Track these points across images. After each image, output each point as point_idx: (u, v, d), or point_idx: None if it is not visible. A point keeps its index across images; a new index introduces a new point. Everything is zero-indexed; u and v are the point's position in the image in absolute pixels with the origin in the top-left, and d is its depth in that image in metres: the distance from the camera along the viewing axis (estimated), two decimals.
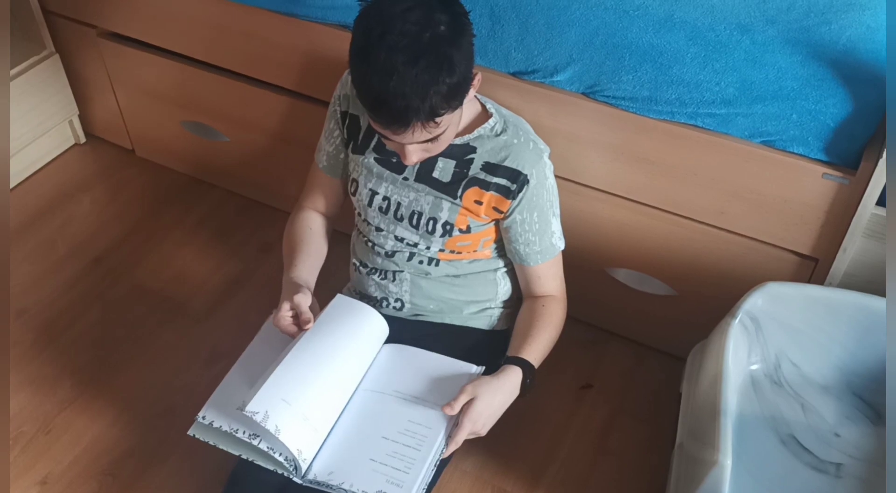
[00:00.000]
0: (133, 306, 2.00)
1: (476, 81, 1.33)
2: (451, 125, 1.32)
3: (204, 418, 1.32)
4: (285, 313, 1.41)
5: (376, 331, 1.46)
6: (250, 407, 1.26)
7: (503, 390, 1.38)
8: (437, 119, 1.25)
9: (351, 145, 1.53)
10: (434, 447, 1.32)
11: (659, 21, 1.49)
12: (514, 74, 1.64)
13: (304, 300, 1.41)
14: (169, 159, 2.37)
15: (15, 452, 1.70)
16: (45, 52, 2.23)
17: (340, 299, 1.47)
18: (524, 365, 1.41)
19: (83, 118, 2.42)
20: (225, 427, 1.30)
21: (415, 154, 1.34)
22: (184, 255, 2.14)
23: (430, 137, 1.29)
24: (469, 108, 1.45)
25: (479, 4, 1.58)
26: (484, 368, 1.42)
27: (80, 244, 2.15)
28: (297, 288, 1.44)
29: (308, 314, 1.40)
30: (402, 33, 1.20)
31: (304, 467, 1.29)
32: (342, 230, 1.71)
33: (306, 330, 1.39)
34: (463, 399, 1.33)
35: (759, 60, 1.45)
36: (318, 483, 1.29)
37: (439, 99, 1.23)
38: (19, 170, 2.30)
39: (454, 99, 1.26)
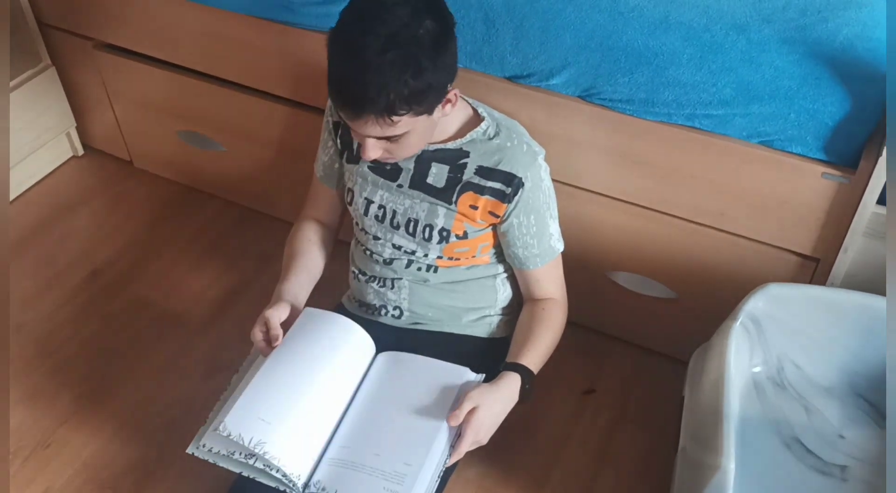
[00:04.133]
0: (132, 318, 1.99)
1: (452, 96, 1.31)
2: (415, 132, 1.30)
3: (203, 445, 1.32)
4: (258, 328, 1.40)
5: (354, 337, 1.44)
6: (223, 427, 1.26)
7: (503, 397, 1.36)
8: (394, 118, 1.24)
9: (345, 155, 1.52)
10: (436, 457, 1.30)
11: (654, 23, 1.48)
12: (509, 79, 1.63)
13: (276, 315, 1.40)
14: (167, 170, 2.36)
15: (14, 466, 1.69)
16: (41, 64, 2.23)
17: (310, 312, 1.45)
18: (523, 371, 1.39)
19: (81, 130, 2.42)
20: (223, 451, 1.30)
21: (372, 150, 1.31)
22: (182, 266, 2.13)
23: (384, 135, 1.27)
24: (460, 112, 1.44)
25: (473, 9, 1.58)
26: (484, 375, 1.41)
27: (78, 257, 2.14)
28: (277, 303, 1.43)
29: (276, 330, 1.38)
30: (382, 21, 1.20)
31: (299, 482, 1.28)
32: (341, 238, 1.70)
33: (276, 346, 1.38)
34: (467, 407, 1.32)
35: (755, 60, 1.44)
36: None
37: (398, 99, 1.21)
38: (17, 183, 2.30)
39: (416, 103, 1.24)
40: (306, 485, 1.29)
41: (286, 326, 1.41)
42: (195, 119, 2.15)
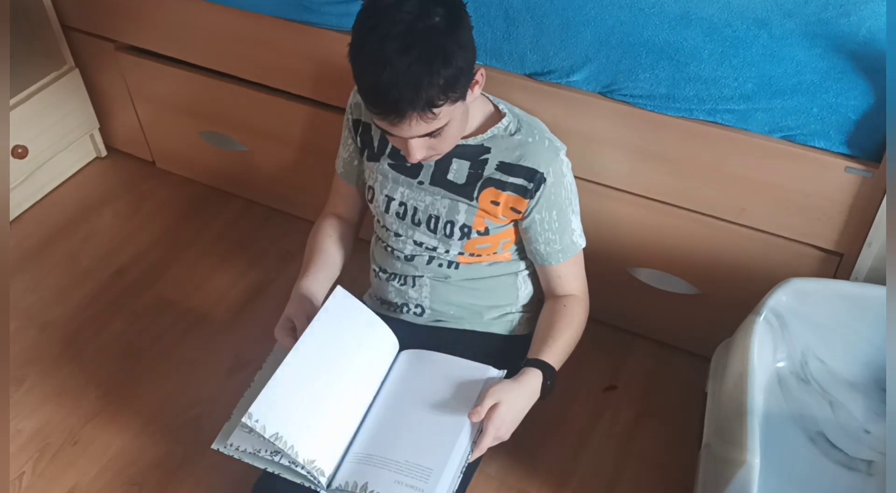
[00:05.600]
0: (156, 317, 2.01)
1: (479, 76, 1.32)
2: (454, 120, 1.31)
3: (231, 444, 1.32)
4: (283, 324, 1.42)
5: (380, 335, 1.45)
6: (248, 417, 1.25)
7: (525, 393, 1.37)
8: (435, 110, 1.24)
9: (366, 153, 1.53)
10: (459, 453, 1.31)
11: (675, 18, 1.48)
12: (529, 76, 1.63)
13: (302, 313, 1.42)
14: (189, 170, 2.38)
15: (42, 463, 1.71)
16: (65, 67, 2.25)
17: (341, 295, 1.42)
18: (544, 367, 1.40)
19: (104, 132, 2.44)
20: (249, 449, 1.31)
21: (418, 151, 1.32)
22: (206, 265, 2.14)
23: (429, 130, 1.27)
24: (482, 108, 1.44)
25: (493, 6, 1.58)
26: (505, 372, 1.42)
27: (102, 257, 2.16)
28: (298, 299, 1.45)
29: (304, 326, 1.38)
30: (394, 22, 1.21)
31: (322, 478, 1.28)
32: (361, 236, 1.71)
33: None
34: (488, 403, 1.32)
35: (777, 55, 1.43)
36: (343, 492, 1.28)
37: (436, 90, 1.22)
38: (41, 185, 2.32)
39: (452, 91, 1.24)
40: (331, 481, 1.30)
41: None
42: (217, 120, 2.16)
